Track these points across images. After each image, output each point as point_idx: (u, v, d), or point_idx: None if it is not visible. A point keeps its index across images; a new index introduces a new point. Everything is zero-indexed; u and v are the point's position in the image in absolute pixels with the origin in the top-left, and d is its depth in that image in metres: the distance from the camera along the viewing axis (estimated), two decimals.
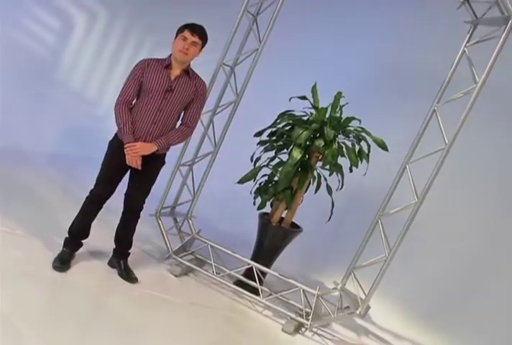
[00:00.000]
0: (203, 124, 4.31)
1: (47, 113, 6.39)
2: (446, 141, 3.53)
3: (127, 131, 3.45)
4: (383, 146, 4.04)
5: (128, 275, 3.76)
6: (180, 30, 3.50)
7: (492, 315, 4.30)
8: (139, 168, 3.49)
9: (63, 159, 6.12)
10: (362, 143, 4.16)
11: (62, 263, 3.57)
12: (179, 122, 3.68)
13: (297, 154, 3.99)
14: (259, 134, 4.35)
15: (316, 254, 5.07)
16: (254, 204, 4.34)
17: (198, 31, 3.49)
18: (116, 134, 3.60)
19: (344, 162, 4.16)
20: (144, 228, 4.12)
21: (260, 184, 4.34)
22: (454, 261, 4.62)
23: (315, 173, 4.31)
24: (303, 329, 3.90)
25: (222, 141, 4.38)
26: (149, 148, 3.48)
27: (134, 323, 3.24)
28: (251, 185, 4.34)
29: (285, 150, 4.29)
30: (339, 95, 4.25)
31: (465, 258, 4.58)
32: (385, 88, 5.19)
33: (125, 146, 3.44)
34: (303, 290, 3.96)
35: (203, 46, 3.54)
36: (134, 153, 3.44)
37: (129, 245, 3.85)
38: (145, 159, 3.52)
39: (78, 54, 6.75)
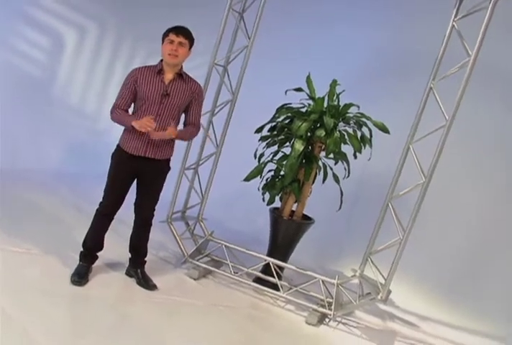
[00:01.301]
0: (203, 126, 4.31)
1: (48, 131, 6.41)
2: (447, 118, 3.50)
3: (129, 117, 3.47)
4: (384, 129, 4.03)
5: (146, 283, 3.77)
6: (165, 34, 3.50)
7: None
8: (153, 127, 3.36)
9: (69, 176, 6.13)
10: (364, 129, 4.15)
11: (80, 277, 3.59)
12: (179, 126, 3.68)
13: (299, 146, 3.98)
14: (259, 130, 4.35)
15: (331, 244, 5.07)
16: (263, 200, 4.34)
17: (183, 32, 3.49)
18: (118, 146, 3.60)
19: (347, 149, 4.16)
20: (157, 235, 4.12)
21: (267, 179, 4.34)
22: (468, 235, 4.61)
23: (320, 163, 4.30)
24: (327, 319, 3.89)
25: (224, 141, 4.39)
26: (160, 133, 3.42)
27: (159, 329, 3.25)
28: (258, 182, 4.34)
29: (288, 143, 4.28)
30: (334, 84, 4.24)
31: (479, 231, 4.58)
32: (380, 72, 5.17)
33: (136, 124, 3.36)
34: (323, 281, 3.96)
35: (190, 46, 3.54)
36: (148, 128, 3.34)
37: (145, 253, 3.87)
38: (151, 167, 3.55)
39: (72, 70, 6.77)
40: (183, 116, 3.70)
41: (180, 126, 3.67)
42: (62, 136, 6.55)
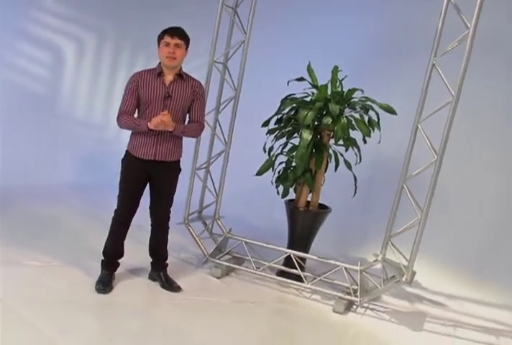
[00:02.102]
0: (209, 125, 4.31)
1: (57, 144, 6.45)
2: (453, 93, 3.46)
3: (139, 121, 3.47)
4: (391, 111, 4.00)
5: (170, 285, 3.78)
6: (160, 37, 3.51)
7: None
8: (170, 118, 3.38)
9: (83, 187, 6.17)
10: (370, 113, 4.12)
11: (104, 285, 3.61)
12: None
13: (307, 136, 3.96)
14: (266, 123, 4.33)
15: (350, 231, 5.04)
16: (277, 193, 4.33)
17: (177, 33, 3.49)
18: (126, 151, 3.61)
19: (356, 135, 4.13)
20: (175, 237, 4.14)
21: (279, 172, 4.32)
22: (488, 210, 4.57)
23: (330, 151, 4.28)
24: (354, 306, 3.87)
25: (232, 138, 4.38)
26: (170, 124, 3.40)
27: (187, 330, 3.25)
28: (271, 176, 4.33)
29: (296, 134, 4.26)
30: (335, 70, 4.21)
31: (499, 206, 4.54)
32: (380, 55, 5.13)
33: (152, 125, 3.38)
34: (346, 268, 3.94)
35: (187, 46, 3.53)
36: (162, 124, 3.37)
37: (165, 256, 3.88)
38: (162, 169, 3.55)
39: (75, 83, 6.79)
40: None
41: None
42: (72, 148, 6.58)
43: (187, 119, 3.69)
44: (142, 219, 3.76)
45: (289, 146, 4.30)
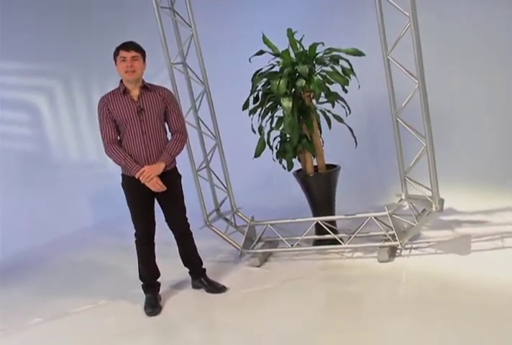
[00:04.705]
0: (193, 125, 4.29)
1: (63, 192, 6.46)
2: (407, 14, 3.39)
3: (130, 164, 3.45)
4: (358, 53, 3.94)
5: (215, 288, 3.77)
6: (116, 54, 3.48)
7: None
8: (164, 188, 3.49)
9: (102, 225, 6.21)
10: (341, 62, 4.06)
11: (152, 307, 3.61)
12: (169, 134, 3.66)
13: (288, 104, 3.92)
14: (245, 105, 4.29)
15: (366, 182, 5.02)
16: (283, 168, 4.29)
17: (132, 46, 3.47)
18: (122, 175, 3.60)
19: (336, 88, 4.08)
20: (204, 241, 4.11)
21: (276, 148, 4.29)
22: (488, 120, 4.50)
23: (317, 112, 4.23)
24: (398, 251, 3.83)
25: (218, 130, 4.35)
26: (158, 168, 3.47)
27: (249, 324, 3.22)
28: (272, 155, 4.31)
29: (279, 107, 4.22)
30: (290, 33, 4.16)
31: (495, 110, 4.47)
32: (327, 6, 5.07)
33: (137, 177, 3.44)
34: (375, 217, 3.90)
35: (143, 57, 3.51)
36: (148, 178, 3.43)
37: (200, 262, 3.87)
38: (161, 180, 3.51)
39: (59, 131, 6.79)
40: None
41: (168, 136, 3.65)
42: (78, 192, 6.58)
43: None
44: (164, 235, 3.74)
45: (276, 119, 4.26)
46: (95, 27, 6.64)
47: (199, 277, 3.83)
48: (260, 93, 4.22)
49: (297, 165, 4.30)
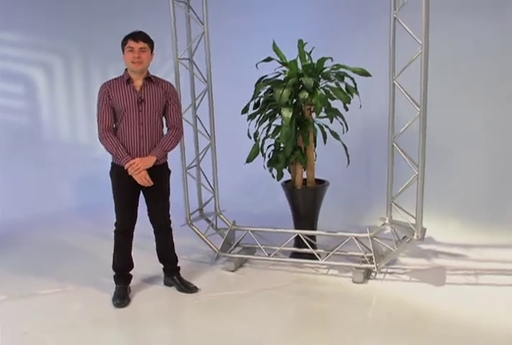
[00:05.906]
0: (190, 122, 4.27)
1: (50, 171, 6.41)
2: (420, 42, 3.40)
3: (121, 154, 3.44)
4: (365, 74, 3.95)
5: (187, 287, 3.76)
6: (124, 43, 3.46)
7: None
8: (151, 183, 3.48)
9: (84, 208, 6.17)
10: (346, 79, 4.06)
11: (121, 299, 3.59)
12: (165, 128, 3.65)
13: (287, 114, 3.92)
14: (245, 109, 4.28)
15: (352, 201, 5.02)
16: (273, 177, 4.28)
17: (141, 37, 3.45)
18: (112, 163, 3.58)
19: (337, 104, 4.09)
20: (182, 239, 4.11)
21: (269, 156, 4.29)
22: (485, 155, 4.53)
23: (315, 126, 4.24)
24: (373, 274, 3.85)
25: (214, 131, 4.34)
26: (148, 161, 3.47)
27: (219, 327, 3.21)
28: (263, 162, 4.29)
29: (278, 115, 4.21)
30: (301, 44, 4.16)
31: (495, 148, 4.50)
32: (341, 20, 5.08)
33: (126, 168, 3.42)
34: (356, 237, 3.91)
35: (151, 49, 3.50)
36: (137, 170, 3.42)
37: (175, 259, 3.86)
38: (150, 174, 3.50)
39: (53, 108, 6.74)
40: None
41: (164, 130, 3.63)
42: (65, 173, 6.53)
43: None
44: (144, 228, 3.73)
45: (273, 128, 4.25)
46: (107, 12, 6.59)
47: (172, 275, 3.82)
48: (262, 99, 4.22)
49: (286, 176, 4.30)
